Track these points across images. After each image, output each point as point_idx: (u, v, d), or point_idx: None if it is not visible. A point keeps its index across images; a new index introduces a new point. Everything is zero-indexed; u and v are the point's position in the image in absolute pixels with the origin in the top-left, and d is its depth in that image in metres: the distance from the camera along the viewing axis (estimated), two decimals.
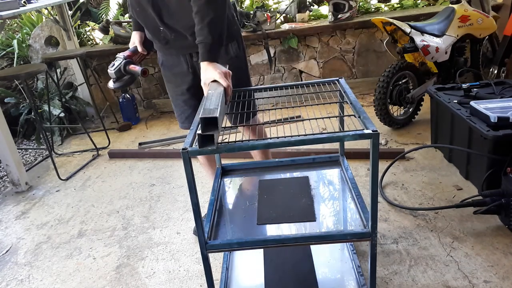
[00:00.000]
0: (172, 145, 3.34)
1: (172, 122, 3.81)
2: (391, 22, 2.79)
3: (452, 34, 2.90)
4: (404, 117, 3.04)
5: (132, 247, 2.14)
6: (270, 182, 1.67)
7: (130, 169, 3.02)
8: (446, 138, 2.50)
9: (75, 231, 2.35)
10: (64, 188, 2.87)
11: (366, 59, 3.91)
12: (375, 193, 1.23)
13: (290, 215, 1.43)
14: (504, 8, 3.61)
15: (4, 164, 2.87)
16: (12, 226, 2.50)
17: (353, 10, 3.73)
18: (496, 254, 1.77)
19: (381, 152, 2.65)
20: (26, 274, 2.06)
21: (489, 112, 2.02)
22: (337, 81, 1.66)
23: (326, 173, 1.71)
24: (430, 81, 3.02)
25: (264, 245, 1.31)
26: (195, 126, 1.34)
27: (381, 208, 2.16)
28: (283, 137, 1.19)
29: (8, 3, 2.94)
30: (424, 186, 2.31)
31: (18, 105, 3.71)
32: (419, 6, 4.01)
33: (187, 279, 1.86)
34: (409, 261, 1.79)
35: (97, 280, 1.94)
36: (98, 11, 5.06)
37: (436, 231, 1.95)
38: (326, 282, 1.61)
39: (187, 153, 1.17)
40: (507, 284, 1.61)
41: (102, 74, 4.17)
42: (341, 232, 1.30)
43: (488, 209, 1.89)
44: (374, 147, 1.16)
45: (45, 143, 3.12)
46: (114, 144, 3.50)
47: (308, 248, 1.79)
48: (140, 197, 2.61)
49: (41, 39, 3.92)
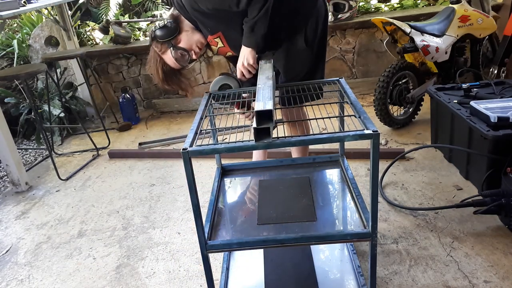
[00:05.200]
0: (172, 145, 3.34)
1: (172, 122, 3.81)
2: (391, 22, 2.78)
3: (452, 34, 2.90)
4: (404, 117, 3.04)
5: (132, 247, 2.14)
6: (270, 182, 1.67)
7: (130, 169, 3.02)
8: (446, 138, 2.50)
9: (75, 231, 2.35)
10: (64, 188, 2.87)
11: (366, 59, 3.90)
12: (375, 193, 1.23)
13: (290, 215, 1.43)
14: (504, 8, 3.61)
15: (4, 164, 2.87)
16: (12, 226, 2.50)
17: (353, 10, 3.73)
18: (496, 254, 1.77)
19: (381, 152, 2.64)
20: (26, 274, 2.06)
21: (489, 112, 2.02)
22: (337, 81, 1.66)
23: (326, 173, 1.71)
24: (430, 81, 3.02)
25: (264, 245, 1.31)
26: (195, 126, 1.34)
27: (381, 208, 2.16)
28: (283, 137, 1.19)
29: (8, 3, 2.94)
30: (424, 186, 2.31)
31: (18, 105, 3.70)
32: (419, 6, 4.01)
33: (187, 279, 1.86)
34: (409, 261, 1.79)
35: (97, 280, 1.94)
36: (98, 11, 5.06)
37: (436, 231, 1.95)
38: (326, 282, 1.61)
39: (187, 153, 1.17)
40: (507, 284, 1.61)
41: (102, 74, 4.17)
42: (341, 232, 1.30)
43: (488, 209, 1.89)
44: (375, 147, 1.16)
45: (45, 143, 3.12)
46: (114, 144, 3.50)
47: (308, 248, 1.79)
48: (140, 197, 2.61)
49: (41, 39, 3.92)
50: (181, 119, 3.85)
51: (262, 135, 1.15)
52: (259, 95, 1.22)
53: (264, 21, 1.60)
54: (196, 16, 1.69)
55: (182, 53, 1.73)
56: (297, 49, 1.78)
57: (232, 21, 1.67)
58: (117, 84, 4.20)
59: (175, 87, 1.86)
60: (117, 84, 4.19)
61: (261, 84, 1.33)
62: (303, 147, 2.13)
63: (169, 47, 1.71)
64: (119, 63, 4.13)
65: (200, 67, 4.02)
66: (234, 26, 1.68)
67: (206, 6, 1.61)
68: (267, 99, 1.18)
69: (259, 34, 1.63)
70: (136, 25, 4.52)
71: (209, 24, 1.72)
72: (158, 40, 1.71)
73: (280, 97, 1.79)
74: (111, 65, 4.15)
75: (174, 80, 1.81)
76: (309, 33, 1.77)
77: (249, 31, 1.63)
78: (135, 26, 4.51)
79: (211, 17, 1.67)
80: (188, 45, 1.75)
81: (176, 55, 1.72)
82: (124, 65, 4.13)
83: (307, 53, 1.80)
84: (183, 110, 4.03)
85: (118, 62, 4.13)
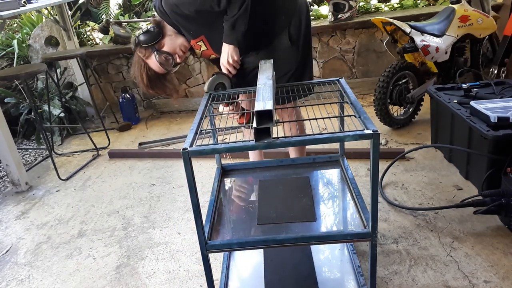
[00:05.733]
0: (172, 145, 3.34)
1: (172, 122, 3.81)
2: (391, 22, 2.79)
3: (452, 34, 2.90)
4: (404, 117, 3.04)
5: (132, 247, 2.14)
6: (270, 182, 1.67)
7: (130, 169, 3.02)
8: (446, 138, 2.50)
9: (75, 231, 2.35)
10: (64, 188, 2.87)
11: (366, 59, 3.90)
12: (375, 193, 1.23)
13: (290, 215, 1.43)
14: (504, 8, 3.61)
15: (4, 164, 2.87)
16: (12, 226, 2.50)
17: (353, 10, 3.73)
18: (496, 254, 1.77)
19: (381, 152, 2.64)
20: (26, 274, 2.06)
21: (489, 112, 2.02)
22: (337, 81, 1.66)
23: (326, 173, 1.71)
24: (430, 81, 3.02)
25: (264, 245, 1.31)
26: (195, 126, 1.34)
27: (381, 208, 2.16)
28: (283, 137, 1.19)
29: (8, 3, 2.94)
30: (424, 186, 2.31)
31: (18, 105, 3.70)
32: (419, 6, 4.01)
33: (187, 279, 1.86)
34: (409, 261, 1.79)
35: (97, 280, 1.94)
36: (98, 11, 5.06)
37: (436, 231, 1.95)
38: (326, 282, 1.61)
39: (187, 153, 1.17)
40: (507, 284, 1.61)
41: (102, 74, 4.17)
42: (341, 232, 1.30)
43: (488, 209, 1.89)
44: (375, 147, 1.16)
45: (45, 143, 3.12)
46: (114, 144, 3.50)
47: (308, 248, 1.79)
48: (140, 197, 2.61)
49: (41, 39, 3.92)
50: (181, 119, 3.85)
51: (262, 135, 1.15)
52: (259, 95, 1.22)
53: (244, 19, 1.62)
54: (178, 21, 1.71)
55: (166, 57, 1.75)
56: (283, 48, 1.78)
57: (214, 24, 1.69)
58: (117, 84, 4.20)
59: (160, 92, 1.89)
60: (117, 84, 4.19)
61: (261, 84, 1.33)
62: (301, 147, 2.13)
63: (153, 52, 1.74)
64: (119, 63, 4.13)
65: (200, 67, 4.02)
66: (217, 29, 1.69)
67: (188, 9, 1.63)
68: (267, 99, 1.18)
69: (239, 31, 1.65)
70: (136, 25, 4.52)
71: (191, 28, 1.74)
72: (141, 45, 1.74)
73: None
74: (111, 65, 4.15)
75: (159, 84, 1.83)
76: (293, 31, 1.78)
77: (229, 29, 1.65)
78: (135, 26, 4.51)
79: (193, 20, 1.69)
80: (171, 49, 1.77)
81: (160, 59, 1.74)
82: (124, 65, 4.13)
83: (293, 51, 1.80)
84: (183, 110, 4.04)
85: (118, 62, 4.13)
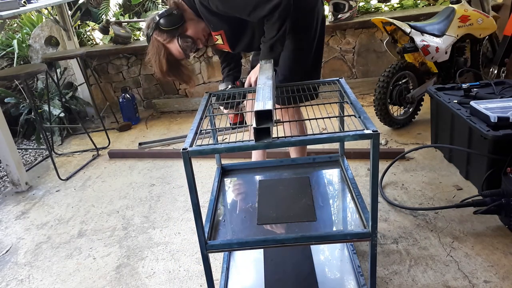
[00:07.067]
0: (172, 145, 3.34)
1: (172, 122, 3.81)
2: (391, 22, 2.78)
3: (452, 34, 2.90)
4: (404, 117, 3.04)
5: (132, 247, 2.14)
6: (270, 182, 1.67)
7: (130, 169, 3.02)
8: (446, 138, 2.50)
9: (75, 231, 2.35)
10: (64, 188, 2.87)
11: (366, 59, 3.90)
12: (375, 193, 1.23)
13: (290, 215, 1.43)
14: (504, 8, 3.61)
15: (4, 164, 2.87)
16: (12, 226, 2.50)
17: (353, 10, 3.73)
18: (496, 254, 1.77)
19: (381, 152, 2.64)
20: (26, 274, 2.06)
21: (489, 112, 2.02)
22: (337, 81, 1.66)
23: (326, 173, 1.71)
24: (430, 81, 3.02)
25: (264, 245, 1.31)
26: (195, 126, 1.34)
27: (381, 208, 2.16)
28: (283, 137, 1.19)
29: (8, 3, 2.94)
30: (424, 186, 2.31)
31: (18, 105, 3.70)
32: (419, 6, 4.00)
33: (187, 279, 1.86)
34: (409, 261, 1.79)
35: (97, 280, 1.94)
36: (98, 11, 5.06)
37: (436, 231, 1.95)
38: (326, 282, 1.61)
39: (187, 153, 1.17)
40: (507, 284, 1.61)
41: (102, 74, 4.17)
42: (341, 232, 1.30)
43: (488, 209, 1.89)
44: (375, 147, 1.16)
45: (45, 143, 3.12)
46: (114, 144, 3.50)
47: (308, 248, 1.79)
48: (140, 197, 2.61)
49: (41, 39, 3.92)
50: (181, 119, 3.85)
51: (262, 135, 1.15)
52: (259, 95, 1.22)
53: (282, 41, 1.62)
54: (202, 11, 1.67)
55: (190, 41, 1.68)
56: (297, 49, 1.78)
57: (237, 24, 1.67)
58: (117, 84, 4.20)
59: (177, 78, 1.81)
60: (117, 84, 4.19)
61: (261, 84, 1.33)
62: (301, 147, 2.13)
63: (175, 36, 1.66)
64: (119, 63, 4.13)
65: (200, 67, 4.03)
66: (238, 28, 1.67)
67: (216, 6, 1.59)
68: (266, 99, 1.18)
69: (277, 52, 1.65)
70: (136, 25, 4.52)
71: (213, 21, 1.70)
72: (161, 29, 1.65)
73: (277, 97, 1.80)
74: (111, 65, 4.15)
75: (177, 71, 1.76)
76: (309, 34, 1.78)
77: (267, 51, 1.63)
78: (135, 26, 4.51)
79: (217, 15, 1.65)
80: (195, 33, 1.70)
81: (183, 44, 1.67)
82: (124, 65, 4.13)
83: (306, 53, 1.81)
84: (183, 110, 4.03)
85: (118, 62, 4.13)
